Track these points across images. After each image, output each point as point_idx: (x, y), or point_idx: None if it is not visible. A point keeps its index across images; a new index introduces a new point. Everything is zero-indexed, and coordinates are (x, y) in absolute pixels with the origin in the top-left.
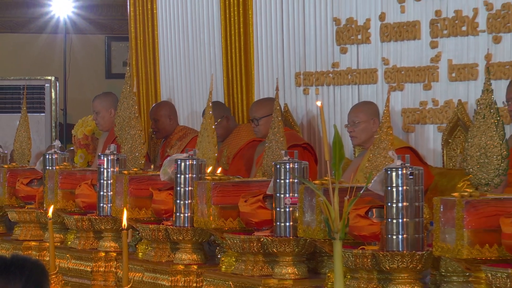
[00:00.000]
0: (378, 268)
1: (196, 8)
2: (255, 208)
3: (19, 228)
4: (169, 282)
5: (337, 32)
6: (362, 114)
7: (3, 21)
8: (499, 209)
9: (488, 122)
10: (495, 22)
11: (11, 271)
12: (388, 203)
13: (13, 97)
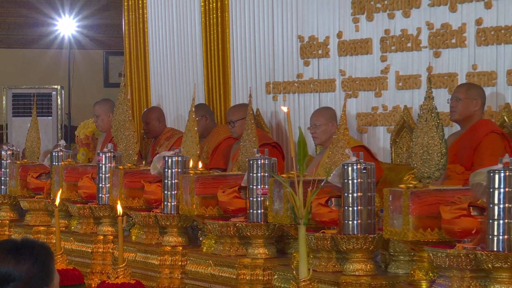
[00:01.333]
0: (336, 249)
1: (181, 27)
2: (232, 198)
3: (29, 215)
4: (158, 261)
5: (301, 48)
6: (322, 118)
7: (16, 38)
8: (439, 198)
9: (429, 124)
10: (435, 39)
11: (21, 252)
12: (345, 194)
13: (25, 103)
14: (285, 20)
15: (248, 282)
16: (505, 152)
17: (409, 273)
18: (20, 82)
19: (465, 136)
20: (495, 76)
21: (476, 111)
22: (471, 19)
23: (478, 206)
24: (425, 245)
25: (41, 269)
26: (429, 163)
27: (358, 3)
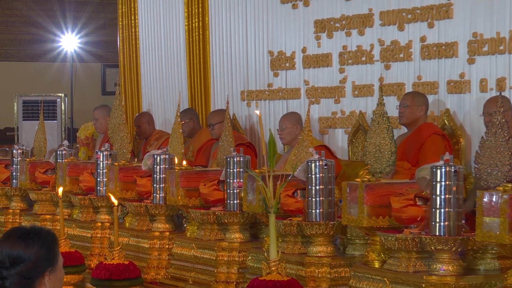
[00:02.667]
0: (301, 234)
1: (168, 43)
2: (212, 190)
3: (37, 205)
4: (148, 244)
5: (271, 61)
6: (288, 122)
7: (26, 53)
8: (389, 190)
9: (381, 127)
10: (386, 54)
11: (30, 238)
12: (309, 186)
13: (33, 109)
14: (257, 38)
15: (226, 263)
16: (445, 151)
17: (364, 254)
18: (29, 90)
19: (412, 137)
20: (437, 86)
21: (421, 116)
22: (416, 36)
23: (423, 197)
24: (378, 231)
25: (47, 252)
26: (380, 160)
27: (319, 23)
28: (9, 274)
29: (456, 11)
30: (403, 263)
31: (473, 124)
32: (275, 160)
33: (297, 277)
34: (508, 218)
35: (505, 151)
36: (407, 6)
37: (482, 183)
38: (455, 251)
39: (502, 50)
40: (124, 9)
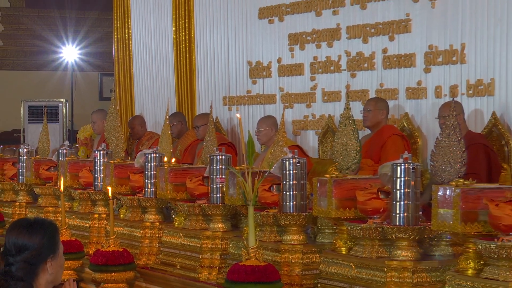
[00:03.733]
0: (277, 224)
1: (158, 54)
2: (197, 185)
3: (41, 198)
4: (140, 234)
5: (250, 70)
6: (264, 124)
7: (31, 63)
8: (355, 185)
9: (348, 128)
10: (352, 64)
11: (34, 228)
12: (284, 182)
13: (38, 113)
14: (238, 49)
15: (210, 250)
16: (404, 150)
17: (332, 242)
18: (34, 96)
19: (374, 137)
20: (397, 92)
21: (383, 119)
22: (379, 48)
23: (385, 191)
24: (345, 221)
25: (49, 241)
26: (347, 158)
27: (293, 36)
28: (15, 261)
29: (414, 26)
30: (367, 250)
31: (429, 126)
32: (253, 158)
33: (273, 263)
34: (460, 209)
35: (457, 150)
36: (370, 21)
37: (437, 178)
38: (413, 239)
39: (455, 61)
40: (119, 24)
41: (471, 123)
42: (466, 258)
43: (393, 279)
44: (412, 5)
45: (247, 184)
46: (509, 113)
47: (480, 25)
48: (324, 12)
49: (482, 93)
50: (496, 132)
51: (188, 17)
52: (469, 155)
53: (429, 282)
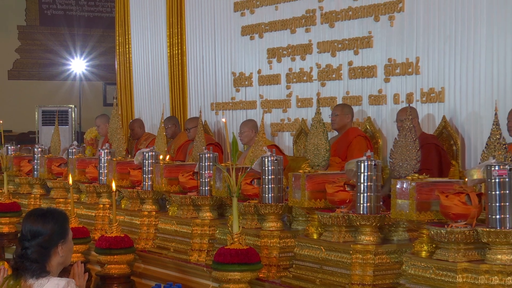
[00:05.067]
0: (257, 213)
1: (154, 66)
2: (188, 179)
3: (53, 191)
4: (139, 222)
5: (234, 80)
6: (246, 127)
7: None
8: (325, 179)
9: (318, 130)
10: (322, 74)
11: (46, 216)
12: (263, 176)
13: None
14: (223, 62)
15: (199, 235)
16: (367, 149)
17: (305, 229)
18: (47, 102)
19: (341, 138)
20: (361, 99)
21: (348, 122)
22: (345, 61)
23: (350, 184)
24: (316, 210)
25: (59, 228)
26: (318, 156)
27: (271, 51)
28: (30, 245)
29: (375, 42)
30: (335, 235)
31: (388, 129)
32: (237, 156)
33: (254, 246)
34: (415, 200)
35: (412, 149)
36: (338, 38)
37: (395, 173)
38: (375, 225)
39: (410, 72)
40: (120, 40)
41: (424, 125)
42: (420, 242)
43: (358, 260)
44: (373, 24)
45: (232, 178)
46: (457, 117)
47: (431, 41)
48: (298, 30)
49: (434, 100)
50: (446, 133)
51: (180, 34)
52: (423, 153)
53: (389, 263)
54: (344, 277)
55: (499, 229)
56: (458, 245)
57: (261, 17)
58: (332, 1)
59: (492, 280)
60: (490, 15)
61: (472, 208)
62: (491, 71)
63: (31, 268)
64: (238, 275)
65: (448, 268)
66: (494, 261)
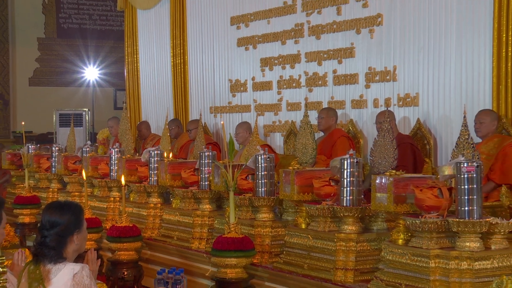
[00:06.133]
0: (251, 205)
1: (160, 74)
2: (190, 175)
3: (69, 185)
4: (146, 213)
5: (231, 86)
6: (241, 128)
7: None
8: (312, 175)
9: (306, 131)
10: (310, 81)
11: (63, 208)
12: (257, 172)
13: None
14: (221, 70)
15: (199, 225)
16: (350, 148)
17: (294, 219)
18: (64, 106)
19: (327, 139)
20: (344, 103)
21: (333, 124)
22: (330, 70)
23: (335, 179)
24: (304, 203)
25: (75, 218)
26: (306, 154)
27: (264, 60)
28: (49, 234)
29: (357, 52)
30: (321, 225)
31: (369, 130)
32: (233, 154)
33: (249, 235)
34: (393, 193)
35: (390, 148)
36: (323, 49)
37: (375, 170)
38: (357, 216)
39: (388, 79)
40: (129, 50)
41: (401, 127)
42: (397, 231)
43: (341, 247)
44: (355, 36)
45: (229, 174)
46: (430, 119)
47: (407, 52)
48: (287, 42)
49: (409, 104)
50: (420, 134)
51: (183, 45)
52: (399, 152)
53: (369, 250)
54: (329, 262)
55: (468, 219)
56: (431, 234)
57: (255, 30)
58: (319, 15)
59: (461, 265)
60: (459, 29)
61: (444, 200)
62: (460, 78)
63: (49, 255)
64: (234, 260)
65: (422, 255)
66: (463, 248)
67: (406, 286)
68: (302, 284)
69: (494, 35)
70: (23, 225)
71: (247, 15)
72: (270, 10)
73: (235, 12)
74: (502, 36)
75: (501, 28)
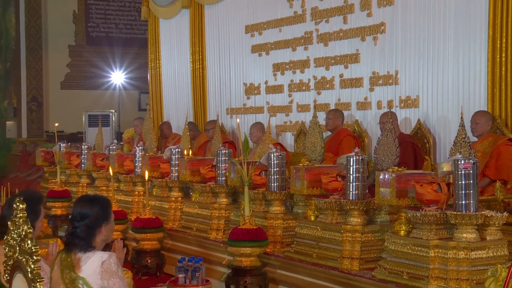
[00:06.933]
0: (265, 199)
1: (180, 78)
2: (208, 171)
3: (97, 180)
4: (168, 206)
5: (245, 89)
6: (255, 128)
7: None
8: (321, 171)
9: (315, 131)
10: (318, 85)
11: (93, 201)
12: (269, 169)
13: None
14: (237, 74)
15: (217, 217)
16: (355, 146)
17: (304, 212)
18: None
19: (334, 138)
20: (350, 105)
21: (340, 124)
22: (337, 74)
23: (342, 175)
24: (313, 197)
25: (104, 211)
26: (315, 152)
27: (276, 65)
28: (79, 225)
29: (362, 58)
30: (329, 217)
31: (373, 129)
32: (248, 152)
33: (262, 227)
34: (395, 188)
35: (393, 146)
36: (331, 55)
37: (379, 166)
38: (362, 209)
39: (391, 83)
40: (152, 57)
41: (402, 127)
42: (400, 223)
43: (348, 238)
44: (360, 43)
45: (243, 170)
46: (429, 120)
47: (408, 57)
48: (298, 48)
49: (410, 106)
50: (420, 133)
51: (201, 52)
52: (401, 150)
53: (373, 240)
54: (336, 252)
55: (465, 212)
56: (431, 226)
57: (268, 37)
58: (326, 24)
59: (458, 255)
60: (456, 36)
61: (442, 195)
62: (457, 82)
63: (80, 244)
64: (249, 250)
65: (422, 245)
66: (460, 239)
67: (408, 274)
68: (311, 272)
69: (489, 42)
70: (55, 217)
71: (260, 24)
72: (281, 19)
73: (250, 21)
74: (496, 43)
75: (496, 35)
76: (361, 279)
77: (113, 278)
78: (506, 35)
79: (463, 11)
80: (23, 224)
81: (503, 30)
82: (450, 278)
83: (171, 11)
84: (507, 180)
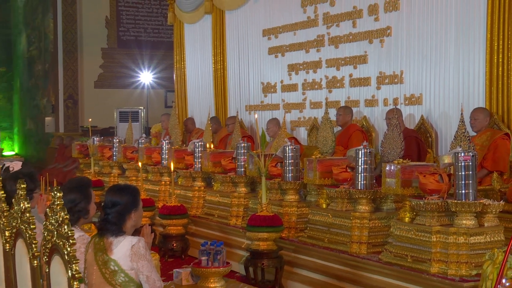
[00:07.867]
0: (280, 188)
1: (203, 77)
2: (228, 163)
3: (127, 171)
4: (192, 194)
5: (263, 88)
6: (272, 124)
7: (121, 84)
8: (332, 163)
9: (326, 126)
10: (329, 83)
11: (123, 190)
12: (285, 161)
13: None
14: (255, 74)
15: (236, 205)
16: (364, 140)
17: (316, 200)
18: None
19: (344, 132)
20: (358, 103)
21: (349, 120)
22: (347, 74)
23: (351, 167)
24: (325, 186)
25: (133, 199)
26: (326, 146)
27: (291, 66)
28: (111, 212)
29: (370, 59)
30: (339, 205)
31: (380, 125)
32: (265, 145)
33: (278, 214)
34: (400, 179)
35: (398, 140)
36: (341, 56)
37: (385, 158)
38: (369, 198)
39: (396, 82)
40: (178, 58)
41: (407, 122)
42: (404, 211)
43: (356, 224)
44: (368, 45)
45: (261, 162)
46: (432, 116)
47: (412, 59)
48: (311, 50)
49: (414, 103)
50: (423, 128)
51: (222, 54)
52: (405, 143)
53: (380, 226)
54: (346, 237)
55: (464, 201)
56: (433, 213)
57: (283, 40)
58: (337, 28)
59: (458, 240)
60: (457, 39)
61: (444, 185)
62: (458, 81)
63: (111, 229)
64: (266, 235)
65: (425, 230)
66: (460, 225)
67: (411, 257)
68: (323, 255)
69: (487, 44)
70: None
71: (276, 28)
72: (296, 24)
73: (267, 26)
74: (494, 45)
75: (493, 38)
76: (369, 262)
77: (141, 261)
78: (503, 39)
79: (463, 16)
80: (60, 210)
81: (500, 33)
82: (450, 261)
83: (194, 17)
84: (503, 171)
